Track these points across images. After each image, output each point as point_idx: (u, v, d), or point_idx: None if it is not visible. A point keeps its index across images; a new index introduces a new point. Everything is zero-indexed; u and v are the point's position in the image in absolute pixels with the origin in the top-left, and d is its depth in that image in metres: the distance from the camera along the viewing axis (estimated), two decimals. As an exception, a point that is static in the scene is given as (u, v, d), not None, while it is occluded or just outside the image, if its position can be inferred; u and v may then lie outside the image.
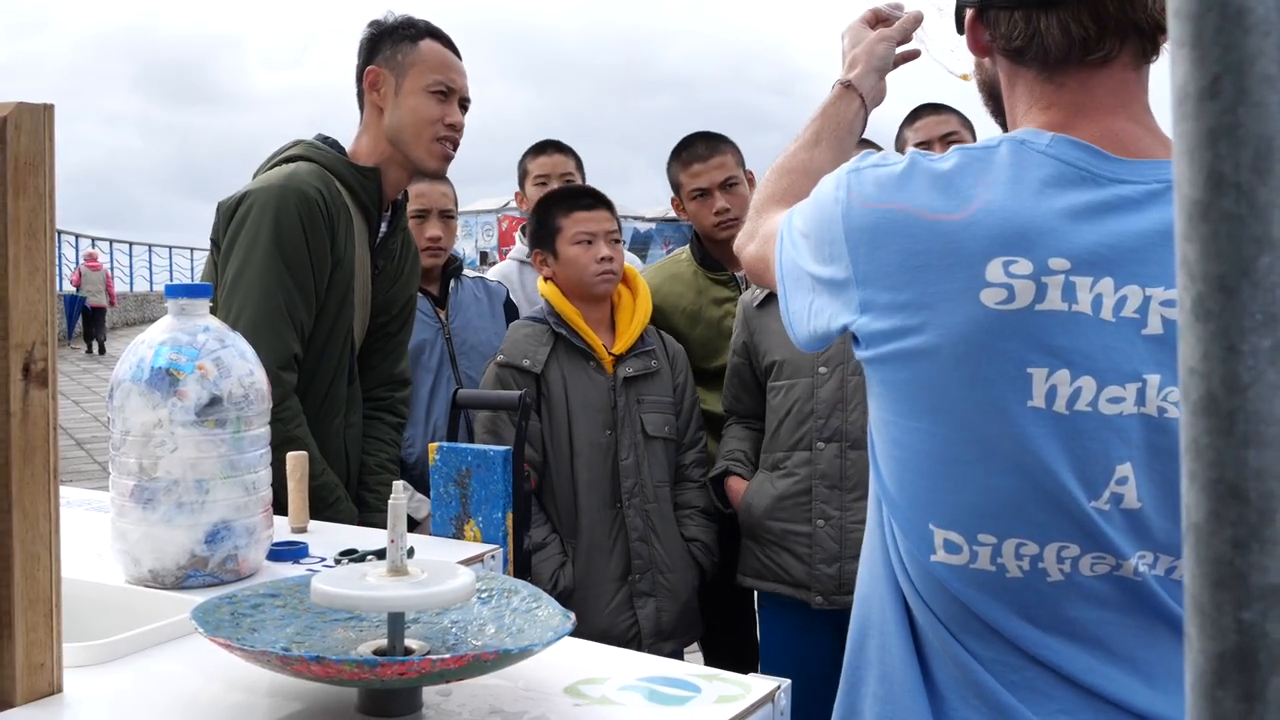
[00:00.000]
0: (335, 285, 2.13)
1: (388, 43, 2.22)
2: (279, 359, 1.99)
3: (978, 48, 1.17)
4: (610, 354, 2.59)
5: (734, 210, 2.88)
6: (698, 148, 2.95)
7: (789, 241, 1.18)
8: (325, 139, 2.27)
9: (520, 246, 3.48)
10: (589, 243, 2.60)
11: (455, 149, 2.24)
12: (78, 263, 22.60)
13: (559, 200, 2.70)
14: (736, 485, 2.62)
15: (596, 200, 2.68)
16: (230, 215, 2.11)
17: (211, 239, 2.17)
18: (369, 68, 2.23)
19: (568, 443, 2.53)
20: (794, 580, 2.50)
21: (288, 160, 2.19)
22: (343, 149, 2.25)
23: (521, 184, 3.53)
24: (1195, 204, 0.38)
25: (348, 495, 2.15)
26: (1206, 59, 0.38)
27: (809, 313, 1.15)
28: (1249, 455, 0.37)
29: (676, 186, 3.00)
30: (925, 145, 2.72)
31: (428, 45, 2.21)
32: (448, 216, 3.03)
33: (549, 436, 2.54)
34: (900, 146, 2.87)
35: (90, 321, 20.95)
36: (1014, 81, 1.14)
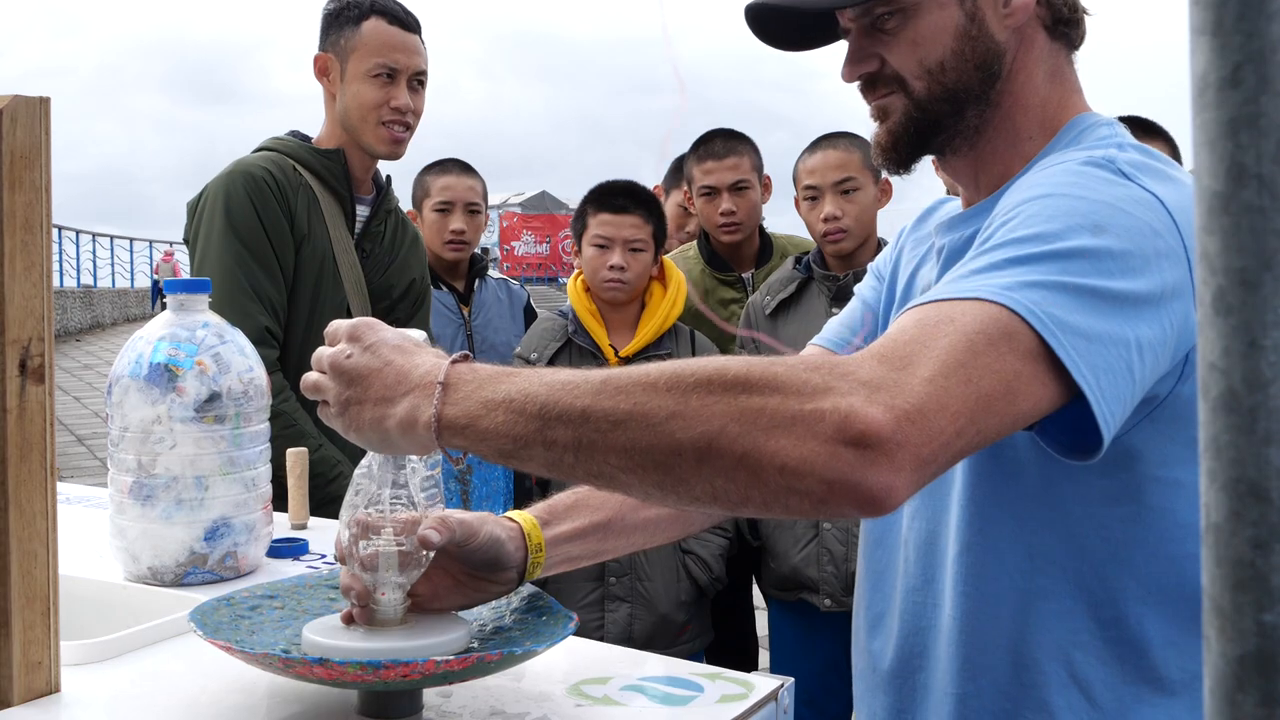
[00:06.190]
0: (306, 261, 2.14)
1: (335, 26, 2.22)
2: (250, 335, 2.00)
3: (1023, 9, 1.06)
4: (619, 355, 2.56)
5: (739, 215, 2.84)
6: (715, 144, 2.88)
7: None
8: (294, 133, 2.30)
9: None
10: (604, 247, 2.53)
11: (407, 130, 2.21)
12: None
13: (594, 196, 2.61)
14: None
15: (632, 201, 2.55)
16: (192, 212, 2.18)
17: (184, 238, 2.23)
18: (317, 54, 2.24)
19: None
20: (801, 583, 2.49)
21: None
22: (309, 139, 2.27)
23: (674, 175, 3.31)
24: (1216, 196, 0.37)
25: (353, 469, 2.15)
26: (1228, 47, 0.37)
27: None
28: (1271, 454, 0.36)
29: (689, 181, 2.95)
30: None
31: (370, 26, 2.18)
32: (473, 210, 3.00)
33: None
34: None
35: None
36: (1042, 57, 1.08)
